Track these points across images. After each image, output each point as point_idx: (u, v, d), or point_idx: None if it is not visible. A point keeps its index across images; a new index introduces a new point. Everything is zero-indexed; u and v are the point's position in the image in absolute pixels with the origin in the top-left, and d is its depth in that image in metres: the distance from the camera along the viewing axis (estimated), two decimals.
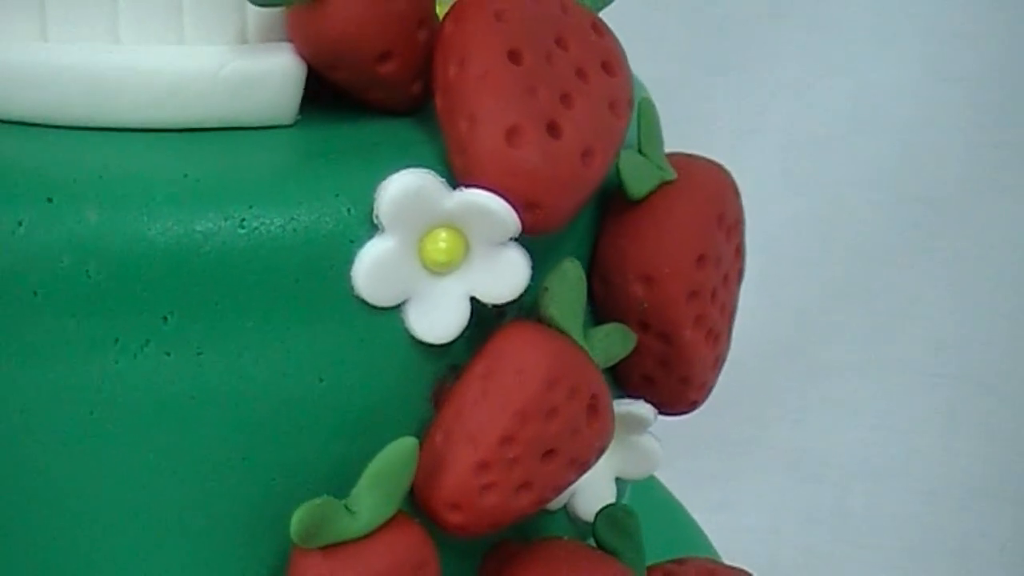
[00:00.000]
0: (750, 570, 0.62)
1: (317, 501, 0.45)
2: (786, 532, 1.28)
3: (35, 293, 0.44)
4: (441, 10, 0.49)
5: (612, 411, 0.49)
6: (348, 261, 0.45)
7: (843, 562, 1.28)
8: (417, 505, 0.47)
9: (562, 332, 0.48)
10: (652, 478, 0.73)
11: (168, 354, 0.44)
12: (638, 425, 0.54)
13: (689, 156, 0.53)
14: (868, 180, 1.34)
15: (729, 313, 0.54)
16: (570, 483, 0.49)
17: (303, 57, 0.48)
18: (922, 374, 1.34)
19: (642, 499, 0.60)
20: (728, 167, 0.60)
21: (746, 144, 1.31)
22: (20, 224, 0.43)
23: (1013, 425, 1.32)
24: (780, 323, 1.35)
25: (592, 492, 0.54)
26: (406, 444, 0.46)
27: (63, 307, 0.44)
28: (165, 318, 0.44)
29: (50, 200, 0.44)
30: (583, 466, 0.49)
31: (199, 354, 0.45)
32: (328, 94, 0.50)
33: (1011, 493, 1.29)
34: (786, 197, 1.34)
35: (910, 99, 1.34)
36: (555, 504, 0.53)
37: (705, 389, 0.55)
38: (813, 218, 1.35)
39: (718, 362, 0.55)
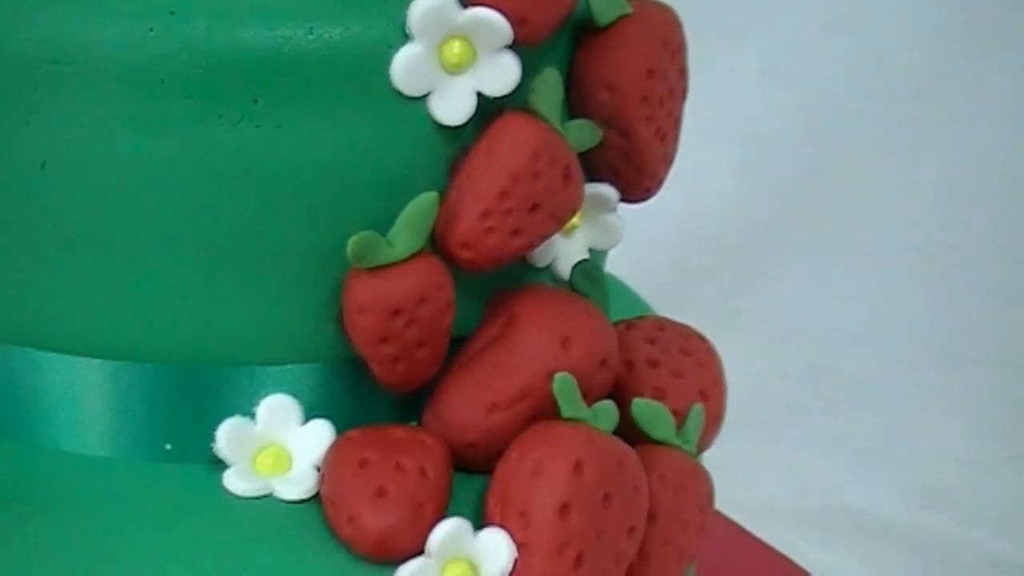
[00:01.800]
0: (732, 422, 0.76)
1: (365, 233, 0.61)
2: (765, 388, 1.42)
3: (162, 80, 0.59)
4: None
5: (582, 179, 0.65)
6: (387, 61, 0.61)
7: (815, 413, 1.43)
8: (437, 248, 0.64)
9: (545, 120, 0.63)
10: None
11: (257, 126, 0.60)
12: (605, 203, 0.70)
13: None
14: (840, 76, 1.49)
15: (675, 120, 0.70)
16: (550, 233, 0.65)
17: None
18: (886, 248, 1.49)
19: None
20: (712, 66, 0.75)
21: (728, 45, 1.45)
22: (151, 30, 0.59)
23: (966, 290, 1.47)
24: (760, 205, 1.50)
25: (570, 257, 0.70)
26: (430, 195, 0.62)
27: (182, 91, 0.59)
28: (255, 100, 0.60)
29: (172, 13, 0.60)
30: (560, 220, 0.64)
31: (279, 127, 0.60)
32: None
33: (963, 351, 1.45)
34: (765, 93, 1.49)
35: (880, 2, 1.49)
36: (541, 261, 0.69)
37: (656, 180, 0.70)
38: (789, 111, 1.50)
39: (666, 158, 0.70)
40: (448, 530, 0.59)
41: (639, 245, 0.85)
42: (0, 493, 0.64)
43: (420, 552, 0.59)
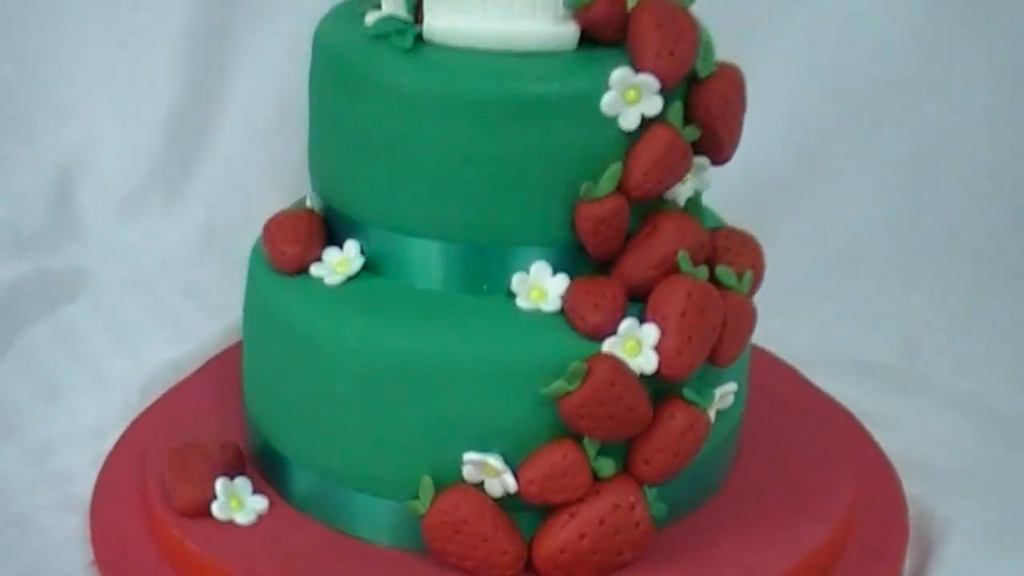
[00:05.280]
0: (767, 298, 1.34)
1: (588, 182, 1.23)
2: (789, 274, 1.89)
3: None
4: None
5: (691, 155, 1.18)
6: (599, 99, 1.16)
7: (834, 291, 1.85)
8: (620, 190, 1.20)
9: (674, 128, 1.19)
10: None
11: (534, 128, 1.14)
12: (702, 167, 1.23)
13: None
14: (855, 68, 2.00)
15: (739, 124, 1.22)
16: (676, 182, 1.22)
17: None
18: (891, 177, 1.95)
19: None
20: (763, 60, 1.30)
21: (776, 44, 1.99)
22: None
23: (947, 205, 1.95)
24: (797, 160, 1.98)
25: (685, 194, 1.21)
26: (617, 164, 1.17)
27: (493, 119, 1.11)
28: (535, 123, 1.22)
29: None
30: (680, 176, 1.17)
31: (544, 128, 1.13)
32: None
33: (940, 247, 1.93)
34: (801, 80, 2.01)
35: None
36: (671, 196, 1.22)
37: (729, 154, 1.25)
38: (820, 93, 1.98)
39: (734, 144, 1.19)
40: (628, 323, 1.21)
41: (716, 186, 1.34)
42: (381, 299, 1.19)
43: (613, 334, 1.23)
